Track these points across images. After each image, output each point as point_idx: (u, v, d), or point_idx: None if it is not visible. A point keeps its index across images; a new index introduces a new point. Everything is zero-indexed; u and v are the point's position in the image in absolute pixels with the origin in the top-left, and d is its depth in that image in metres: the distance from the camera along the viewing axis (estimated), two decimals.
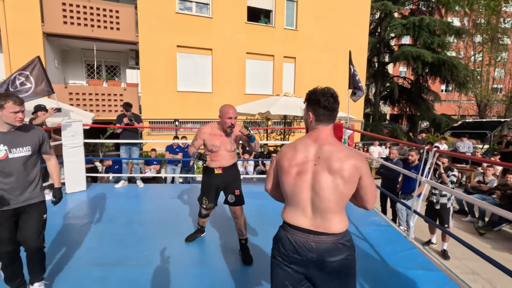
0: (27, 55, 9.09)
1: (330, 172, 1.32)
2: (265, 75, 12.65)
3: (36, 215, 2.16)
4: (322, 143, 1.39)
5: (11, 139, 2.05)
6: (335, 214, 1.35)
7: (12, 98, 2.00)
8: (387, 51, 22.16)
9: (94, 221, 3.70)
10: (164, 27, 10.64)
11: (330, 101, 1.40)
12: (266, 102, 7.48)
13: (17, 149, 2.06)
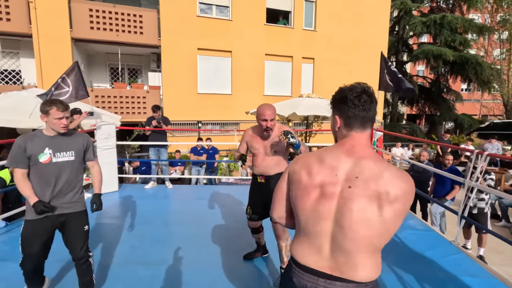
0: (56, 60, 9.49)
1: (374, 198, 0.96)
2: (284, 76, 12.65)
3: (78, 226, 2.10)
4: (359, 156, 1.03)
5: (56, 143, 2.03)
6: (367, 256, 0.99)
7: (56, 104, 1.98)
8: (406, 50, 21.71)
9: (131, 221, 3.81)
10: (185, 31, 10.83)
11: (362, 98, 1.04)
12: (290, 104, 7.48)
13: (61, 153, 2.03)
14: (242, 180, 6.47)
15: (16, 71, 10.24)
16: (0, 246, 3.06)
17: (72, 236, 2.08)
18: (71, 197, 2.08)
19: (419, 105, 22.78)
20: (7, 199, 4.09)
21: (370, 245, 0.97)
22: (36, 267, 2.02)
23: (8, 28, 9.03)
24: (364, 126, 1.06)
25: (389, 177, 0.97)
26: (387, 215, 0.95)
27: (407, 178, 1.00)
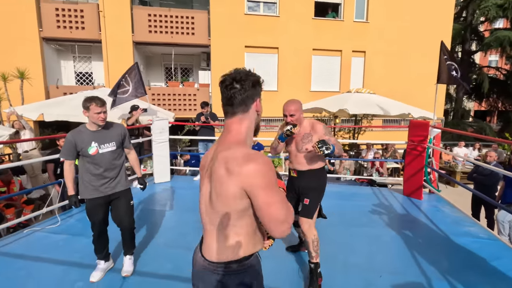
0: (120, 62, 10.55)
1: (210, 180, 1.00)
2: (332, 71, 12.25)
3: (125, 201, 2.49)
4: (220, 142, 1.08)
5: (100, 136, 2.35)
6: (212, 237, 1.03)
7: (95, 100, 2.26)
8: (475, 38, 19.25)
9: (180, 209, 4.11)
10: (233, 29, 11.14)
11: (223, 83, 1.08)
12: (338, 99, 7.23)
13: (105, 145, 2.37)
14: (286, 176, 6.49)
15: (89, 73, 11.66)
16: (75, 223, 3.56)
17: (121, 209, 2.48)
18: (118, 179, 2.47)
19: (490, 100, 20.07)
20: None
21: (211, 225, 1.03)
22: (101, 232, 2.47)
23: (83, 35, 10.31)
24: (229, 113, 1.08)
25: (230, 158, 0.97)
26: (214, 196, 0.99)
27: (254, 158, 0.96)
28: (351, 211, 4.03)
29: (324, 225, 3.48)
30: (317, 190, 2.37)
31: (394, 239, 3.15)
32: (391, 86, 11.75)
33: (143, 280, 2.42)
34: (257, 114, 1.18)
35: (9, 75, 7.56)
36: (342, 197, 4.71)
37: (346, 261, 2.68)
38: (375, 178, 5.94)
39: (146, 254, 2.82)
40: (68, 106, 5.97)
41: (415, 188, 4.54)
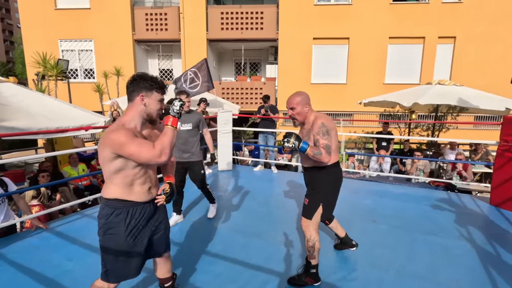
0: (196, 59, 11.47)
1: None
2: (411, 61, 10.98)
3: (196, 168, 3.28)
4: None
5: (183, 118, 3.23)
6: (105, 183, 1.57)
7: (182, 93, 3.16)
8: None
9: (238, 196, 4.33)
10: (302, 21, 10.95)
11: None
12: (413, 92, 6.48)
13: (184, 125, 3.22)
14: (348, 173, 6.17)
15: (170, 69, 13.07)
16: None
17: (194, 175, 3.30)
18: (192, 152, 3.26)
19: None
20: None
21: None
22: (179, 190, 3.27)
23: (166, 36, 11.58)
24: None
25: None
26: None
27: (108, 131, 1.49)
28: (417, 215, 3.63)
29: (381, 227, 3.24)
30: (317, 190, 2.20)
31: (468, 254, 2.72)
32: (486, 77, 9.93)
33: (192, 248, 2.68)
34: (144, 105, 1.55)
35: (109, 72, 9.04)
36: (408, 199, 4.27)
37: (402, 269, 2.45)
38: (455, 183, 5.16)
39: (215, 238, 3.07)
40: None
41: (507, 198, 3.81)
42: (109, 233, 1.55)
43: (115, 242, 1.55)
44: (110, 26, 11.59)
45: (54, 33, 11.82)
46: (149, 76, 1.57)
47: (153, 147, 1.47)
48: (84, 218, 3.46)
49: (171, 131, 1.52)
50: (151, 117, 1.60)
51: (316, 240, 2.18)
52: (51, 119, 3.62)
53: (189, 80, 6.18)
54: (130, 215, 1.55)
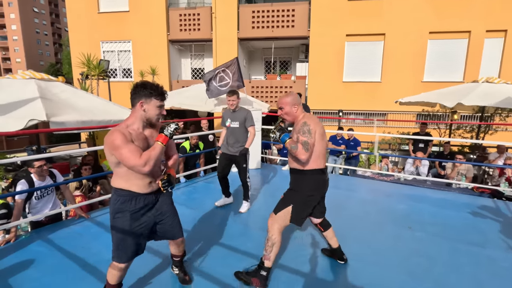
0: (227, 58, 11.64)
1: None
2: (454, 57, 10.22)
3: (241, 163, 3.56)
4: None
5: (232, 116, 3.58)
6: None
7: (234, 93, 3.53)
8: None
9: (267, 195, 4.33)
10: (334, 18, 10.65)
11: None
12: (457, 91, 6.03)
13: (233, 122, 3.57)
14: (381, 175, 5.90)
15: (202, 68, 13.39)
16: (180, 195, 4.24)
17: (239, 166, 3.59)
18: (238, 146, 3.55)
19: None
20: (187, 163, 5.57)
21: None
22: (221, 177, 3.66)
23: (198, 36, 11.87)
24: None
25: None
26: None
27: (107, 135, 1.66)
28: (458, 223, 3.38)
29: (417, 234, 3.05)
30: (294, 190, 2.19)
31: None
32: None
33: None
34: (143, 111, 1.72)
35: (145, 72, 9.47)
36: (448, 205, 3.99)
37: (441, 279, 2.29)
38: (503, 189, 4.71)
39: (242, 234, 3.13)
40: (182, 96, 7.07)
41: None
42: (117, 217, 1.75)
43: (121, 224, 1.74)
44: (146, 27, 12.14)
45: (97, 35, 12.63)
46: (150, 84, 1.73)
47: (139, 156, 1.62)
48: None
49: (160, 148, 1.69)
50: (150, 121, 1.77)
51: (276, 241, 2.10)
52: (95, 114, 3.89)
53: (219, 78, 6.28)
54: (133, 203, 1.75)
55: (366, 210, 3.78)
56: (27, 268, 2.33)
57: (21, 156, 8.10)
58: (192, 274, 2.25)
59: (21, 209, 3.02)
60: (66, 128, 3.26)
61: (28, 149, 7.88)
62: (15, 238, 2.79)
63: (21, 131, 3.39)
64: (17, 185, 3.08)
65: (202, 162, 5.88)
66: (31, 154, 7.27)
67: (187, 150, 5.29)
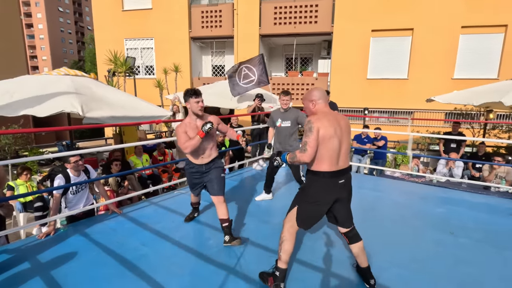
0: (248, 55, 11.56)
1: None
2: (489, 53, 9.67)
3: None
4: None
5: (283, 116, 3.70)
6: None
7: (282, 93, 3.62)
8: None
9: (278, 196, 4.24)
10: (360, 13, 10.33)
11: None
12: (494, 89, 5.68)
13: (284, 122, 3.68)
14: (412, 176, 5.65)
15: (222, 65, 13.40)
16: None
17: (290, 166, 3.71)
18: (289, 145, 3.69)
19: None
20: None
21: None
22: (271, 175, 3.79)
23: (220, 32, 11.87)
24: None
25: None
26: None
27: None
28: (505, 230, 3.16)
29: (460, 240, 2.87)
30: (302, 190, 2.15)
31: None
32: None
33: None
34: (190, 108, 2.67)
35: (168, 69, 9.58)
36: (491, 210, 3.76)
37: None
38: None
39: (252, 233, 3.07)
40: (205, 93, 7.05)
41: None
42: (187, 175, 2.93)
43: (188, 179, 2.95)
44: (168, 25, 12.26)
45: (121, 33, 12.90)
46: (187, 89, 2.64)
47: (183, 143, 2.58)
48: (151, 206, 3.69)
49: (197, 139, 2.57)
50: (196, 114, 2.68)
51: (285, 240, 2.04)
52: (126, 109, 3.94)
53: (243, 75, 6.22)
54: (193, 169, 2.83)
55: (401, 213, 3.62)
56: (69, 261, 2.38)
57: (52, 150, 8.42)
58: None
59: (59, 203, 3.09)
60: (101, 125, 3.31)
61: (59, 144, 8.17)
62: (54, 232, 2.85)
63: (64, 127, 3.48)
64: (55, 180, 3.15)
65: (227, 160, 5.86)
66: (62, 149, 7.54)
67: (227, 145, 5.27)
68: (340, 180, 2.01)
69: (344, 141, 2.00)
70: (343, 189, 2.04)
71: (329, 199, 2.03)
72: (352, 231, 2.13)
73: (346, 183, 2.05)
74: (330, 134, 1.93)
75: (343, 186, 2.03)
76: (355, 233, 2.13)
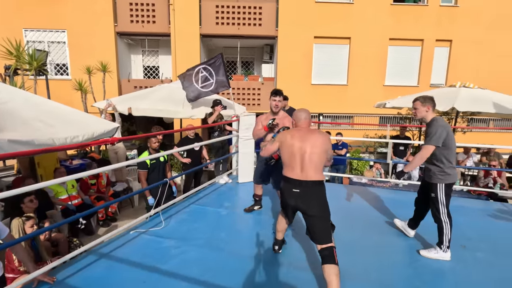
0: (187, 55, 10.49)
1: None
2: (410, 63, 10.93)
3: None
4: None
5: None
6: None
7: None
8: None
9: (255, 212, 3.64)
10: (302, 19, 10.43)
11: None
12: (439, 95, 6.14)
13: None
14: (377, 182, 5.70)
15: (156, 66, 11.88)
16: (177, 226, 3.27)
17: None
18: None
19: None
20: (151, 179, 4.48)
21: None
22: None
23: (153, 29, 10.44)
24: None
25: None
26: None
27: None
28: (506, 236, 3.17)
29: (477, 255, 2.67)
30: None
31: None
32: (482, 81, 10.11)
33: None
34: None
35: (93, 68, 7.79)
36: (468, 213, 3.83)
37: None
38: (497, 191, 4.88)
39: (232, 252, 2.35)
40: (151, 99, 5.85)
41: None
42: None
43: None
44: (87, 16, 10.20)
45: (18, 21, 10.15)
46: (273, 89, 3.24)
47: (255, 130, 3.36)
48: (101, 262, 2.53)
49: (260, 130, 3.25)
50: (272, 111, 3.25)
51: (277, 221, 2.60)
52: (53, 125, 2.63)
53: (201, 79, 5.32)
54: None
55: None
56: None
57: None
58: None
59: None
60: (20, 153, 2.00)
61: None
62: None
63: None
64: None
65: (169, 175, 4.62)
66: None
67: (148, 164, 4.10)
68: (294, 189, 2.18)
69: (307, 153, 2.16)
70: (298, 200, 2.18)
71: (287, 202, 2.27)
72: (324, 250, 2.04)
73: (302, 195, 2.16)
74: (289, 145, 2.24)
75: (297, 196, 2.18)
76: (327, 254, 2.02)
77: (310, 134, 2.24)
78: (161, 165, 4.08)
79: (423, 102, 2.62)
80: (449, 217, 2.58)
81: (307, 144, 2.18)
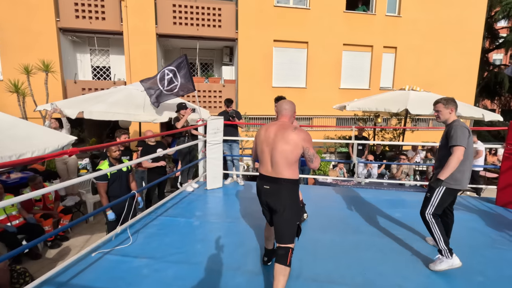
0: (143, 56, 9.86)
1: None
2: (362, 67, 11.70)
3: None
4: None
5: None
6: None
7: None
8: (489, 36, 18.82)
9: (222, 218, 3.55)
10: (262, 22, 10.52)
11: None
12: (392, 98, 6.67)
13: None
14: (342, 181, 5.94)
15: (106, 67, 10.95)
16: (147, 241, 2.99)
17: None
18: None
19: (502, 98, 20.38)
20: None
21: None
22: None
23: (103, 26, 9.61)
24: None
25: None
26: None
27: None
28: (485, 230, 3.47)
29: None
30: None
31: None
32: (423, 84, 11.26)
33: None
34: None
35: (33, 67, 6.86)
36: None
37: None
38: None
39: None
40: (106, 103, 5.33)
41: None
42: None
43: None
44: (20, 8, 9.00)
45: None
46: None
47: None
48: None
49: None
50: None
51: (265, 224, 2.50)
52: None
53: (167, 81, 5.00)
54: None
55: (381, 225, 3.50)
56: None
57: None
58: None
59: None
60: None
61: None
62: None
63: None
64: None
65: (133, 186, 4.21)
66: None
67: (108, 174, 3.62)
68: (265, 185, 2.16)
69: (277, 149, 2.08)
70: (268, 196, 2.15)
71: (260, 199, 2.26)
72: (281, 249, 2.04)
73: (272, 192, 2.11)
74: (260, 142, 2.21)
75: (267, 192, 2.14)
76: (283, 254, 2.01)
77: (283, 129, 2.11)
78: (123, 175, 3.69)
79: (446, 104, 2.53)
80: (434, 218, 2.47)
81: (278, 139, 2.08)
